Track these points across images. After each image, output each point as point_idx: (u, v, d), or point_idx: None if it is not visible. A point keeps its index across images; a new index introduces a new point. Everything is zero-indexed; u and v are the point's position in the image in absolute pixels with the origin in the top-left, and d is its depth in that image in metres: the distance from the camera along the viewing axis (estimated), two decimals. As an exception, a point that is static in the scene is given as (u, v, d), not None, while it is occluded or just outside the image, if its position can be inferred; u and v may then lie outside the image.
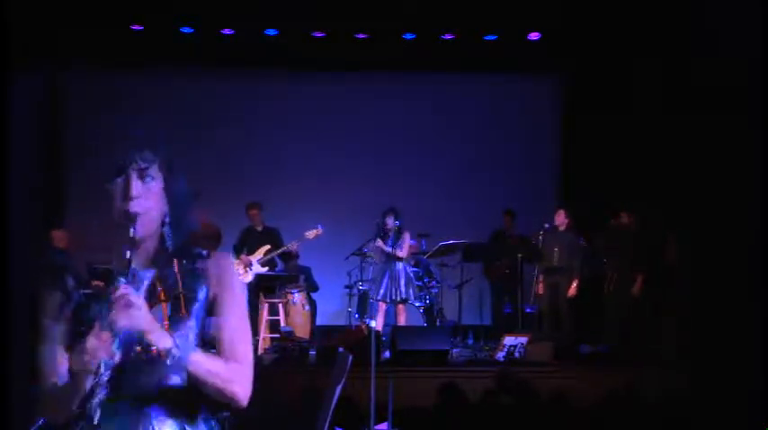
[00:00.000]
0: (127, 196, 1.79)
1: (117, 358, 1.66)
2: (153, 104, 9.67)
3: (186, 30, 9.12)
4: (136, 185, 1.79)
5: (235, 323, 1.88)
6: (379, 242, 7.87)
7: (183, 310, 1.83)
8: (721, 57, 6.49)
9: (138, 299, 1.71)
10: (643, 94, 8.54)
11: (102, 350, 1.63)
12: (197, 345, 1.83)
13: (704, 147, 7.01)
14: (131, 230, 1.76)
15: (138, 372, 1.75)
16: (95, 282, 1.84)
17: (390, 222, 7.85)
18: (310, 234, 8.03)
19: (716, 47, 6.60)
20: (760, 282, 5.46)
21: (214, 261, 1.91)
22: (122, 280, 1.71)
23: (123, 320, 1.66)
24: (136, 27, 8.94)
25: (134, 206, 1.78)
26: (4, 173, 3.55)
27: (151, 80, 9.70)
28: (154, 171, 1.83)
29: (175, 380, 1.79)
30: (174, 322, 1.82)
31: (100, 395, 1.66)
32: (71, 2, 8.12)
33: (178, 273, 1.86)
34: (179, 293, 1.84)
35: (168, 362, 1.74)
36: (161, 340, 1.73)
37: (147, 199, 1.81)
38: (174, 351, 1.73)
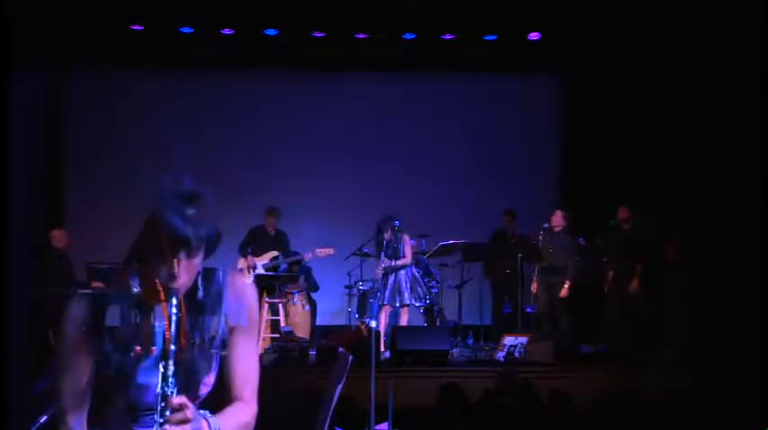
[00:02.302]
0: (172, 275, 1.76)
1: None
2: (153, 104, 9.69)
3: (186, 30, 9.11)
4: (182, 265, 1.77)
5: (248, 361, 1.91)
6: (385, 261, 7.67)
7: (183, 310, 1.83)
8: (721, 56, 6.49)
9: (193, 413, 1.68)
10: (643, 93, 8.54)
11: None
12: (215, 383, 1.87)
13: (704, 145, 7.01)
14: (173, 306, 1.75)
15: None
16: (95, 283, 1.84)
17: (389, 235, 7.67)
18: (321, 252, 8.10)
19: (716, 46, 6.60)
20: (760, 281, 5.46)
21: (231, 289, 1.91)
22: (173, 390, 1.69)
23: None
24: (136, 27, 8.94)
25: (177, 283, 1.77)
26: (4, 172, 3.54)
27: (151, 80, 9.70)
28: (200, 245, 1.80)
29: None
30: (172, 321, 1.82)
31: None
32: (71, 2, 8.12)
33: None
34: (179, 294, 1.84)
35: None
36: None
37: (189, 271, 1.79)
38: None
